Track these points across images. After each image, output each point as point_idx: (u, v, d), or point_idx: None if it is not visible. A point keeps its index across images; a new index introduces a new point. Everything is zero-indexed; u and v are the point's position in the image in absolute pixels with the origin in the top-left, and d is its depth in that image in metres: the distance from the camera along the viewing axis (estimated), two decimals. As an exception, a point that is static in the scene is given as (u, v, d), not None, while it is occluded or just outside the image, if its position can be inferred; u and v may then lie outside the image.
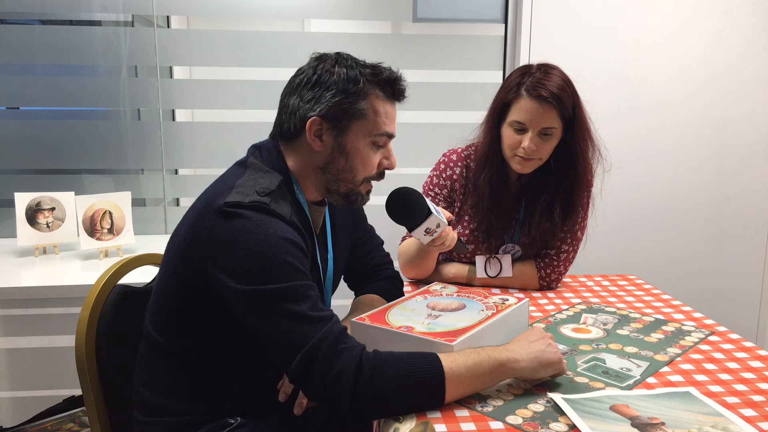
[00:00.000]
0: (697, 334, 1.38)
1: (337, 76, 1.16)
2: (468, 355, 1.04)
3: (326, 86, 1.16)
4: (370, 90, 1.17)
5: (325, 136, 1.18)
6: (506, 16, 2.52)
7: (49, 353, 2.37)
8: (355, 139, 1.19)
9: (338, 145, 1.19)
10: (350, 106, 1.16)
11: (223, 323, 1.12)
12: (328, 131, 1.18)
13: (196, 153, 2.49)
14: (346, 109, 1.16)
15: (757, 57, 2.59)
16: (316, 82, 1.17)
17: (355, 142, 1.19)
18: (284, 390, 1.21)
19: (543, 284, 1.69)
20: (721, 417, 1.00)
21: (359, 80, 1.16)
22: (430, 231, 1.39)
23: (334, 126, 1.18)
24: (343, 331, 1.04)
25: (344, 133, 1.18)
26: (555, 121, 1.52)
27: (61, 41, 2.35)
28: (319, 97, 1.16)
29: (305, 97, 1.17)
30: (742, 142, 2.65)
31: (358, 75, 1.17)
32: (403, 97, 1.23)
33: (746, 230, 2.72)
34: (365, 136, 1.20)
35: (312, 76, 1.18)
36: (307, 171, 1.23)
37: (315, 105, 1.16)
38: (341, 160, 1.20)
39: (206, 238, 1.07)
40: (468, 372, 1.02)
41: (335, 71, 1.17)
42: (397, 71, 1.22)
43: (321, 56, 1.22)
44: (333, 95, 1.16)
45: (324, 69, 1.18)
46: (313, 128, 1.17)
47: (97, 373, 1.27)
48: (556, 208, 1.63)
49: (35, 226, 2.09)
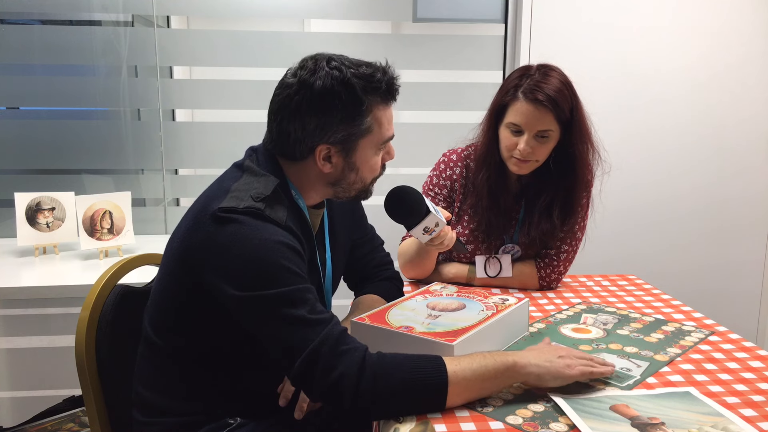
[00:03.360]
0: (697, 334, 1.38)
1: (339, 99, 1.11)
2: (473, 359, 1.03)
3: (329, 112, 1.12)
4: (371, 103, 1.15)
5: (335, 159, 1.18)
6: (506, 16, 2.52)
7: (49, 353, 2.37)
8: (363, 154, 1.19)
9: (348, 164, 1.19)
10: (357, 129, 1.15)
11: (221, 325, 1.12)
12: (337, 153, 1.17)
13: (196, 153, 2.49)
14: (354, 132, 1.15)
15: (757, 57, 2.59)
16: (317, 108, 1.12)
17: (363, 156, 1.19)
18: (284, 394, 1.21)
19: (543, 284, 1.69)
20: (721, 417, 1.00)
21: (363, 101, 1.13)
22: (428, 230, 1.39)
23: (343, 148, 1.17)
24: (343, 332, 1.04)
25: (353, 152, 1.18)
26: (551, 124, 1.52)
27: (61, 41, 2.35)
28: (323, 125, 1.13)
29: (308, 126, 1.13)
30: (742, 141, 2.65)
31: (359, 93, 1.12)
32: (397, 94, 1.21)
33: (746, 230, 2.72)
34: (372, 148, 1.20)
35: (310, 99, 1.11)
36: (311, 185, 1.22)
37: (321, 133, 1.14)
38: (352, 175, 1.21)
39: (202, 243, 1.07)
40: (473, 375, 1.01)
41: (335, 91, 1.11)
42: (390, 69, 1.18)
43: (307, 66, 1.14)
44: (339, 122, 1.13)
45: (322, 89, 1.11)
46: (321, 154, 1.16)
47: (97, 373, 1.27)
48: (555, 209, 1.63)
49: (35, 226, 2.09)
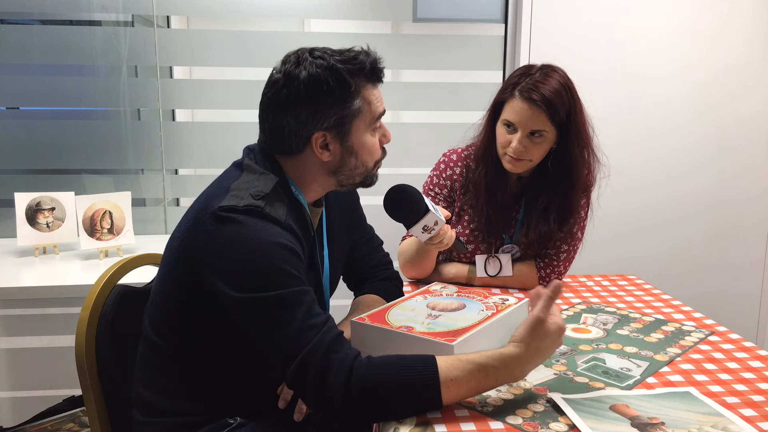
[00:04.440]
0: (697, 334, 1.38)
1: (327, 85, 1.12)
2: (467, 356, 1.03)
3: (319, 99, 1.13)
4: (359, 85, 1.16)
5: (332, 145, 1.18)
6: (506, 16, 2.52)
7: (49, 353, 2.37)
8: (358, 135, 1.19)
9: (345, 148, 1.19)
10: (348, 110, 1.16)
11: (220, 325, 1.12)
12: (334, 139, 1.18)
13: (196, 153, 2.49)
14: (346, 114, 1.16)
15: (757, 57, 2.59)
16: (307, 96, 1.13)
17: (359, 138, 1.20)
18: (284, 397, 1.21)
19: (543, 284, 1.69)
20: (721, 417, 1.00)
21: (350, 83, 1.14)
22: (428, 228, 1.39)
23: (338, 133, 1.17)
24: (336, 337, 1.03)
25: (348, 135, 1.18)
26: (545, 125, 1.52)
27: (61, 41, 2.35)
28: (315, 112, 1.14)
29: (301, 116, 1.14)
30: (743, 142, 2.65)
31: (346, 76, 1.13)
32: (383, 75, 1.21)
33: (746, 232, 2.72)
34: (366, 128, 1.20)
35: (298, 89, 1.12)
36: (313, 177, 1.22)
37: (315, 121, 1.14)
38: (351, 160, 1.21)
39: (201, 243, 1.07)
40: (464, 375, 1.00)
41: (322, 78, 1.12)
42: (373, 51, 1.19)
43: (290, 60, 1.15)
44: (330, 106, 1.14)
45: (308, 77, 1.12)
46: (318, 142, 1.17)
47: (97, 373, 1.27)
48: (552, 212, 1.63)
49: (35, 226, 2.09)
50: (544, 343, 1.05)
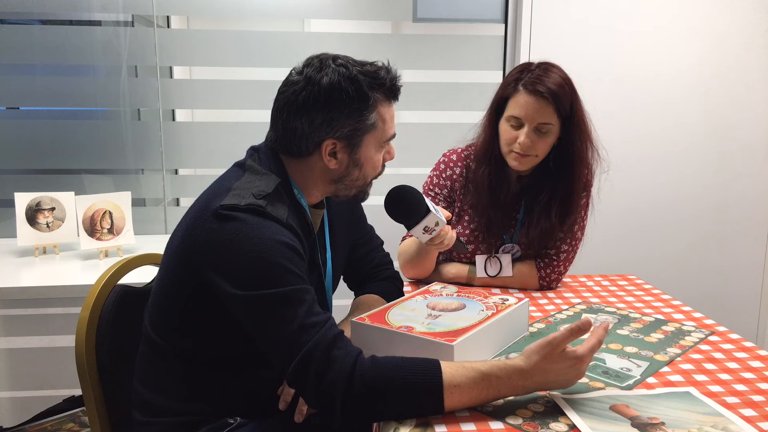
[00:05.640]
0: (697, 334, 1.38)
1: (346, 94, 1.13)
2: (472, 364, 1.01)
3: (337, 107, 1.14)
4: (376, 100, 1.17)
5: (340, 154, 1.19)
6: (506, 16, 2.52)
7: (49, 353, 2.37)
8: (367, 150, 1.21)
9: (353, 160, 1.20)
10: (363, 124, 1.17)
11: (221, 324, 1.12)
12: (343, 149, 1.18)
13: (196, 153, 2.49)
14: (360, 126, 1.17)
15: (757, 57, 2.59)
16: (325, 102, 1.13)
17: (367, 152, 1.21)
18: (284, 398, 1.20)
19: (543, 284, 1.69)
20: (721, 417, 1.00)
21: (369, 97, 1.15)
22: (428, 229, 1.39)
23: (349, 143, 1.18)
24: (337, 336, 1.03)
25: (358, 147, 1.19)
26: (551, 117, 1.52)
27: (61, 41, 2.35)
28: (330, 119, 1.14)
29: (315, 120, 1.14)
30: (743, 143, 2.65)
31: (366, 89, 1.14)
32: (399, 95, 1.23)
33: (746, 232, 2.72)
34: (376, 145, 1.21)
35: (318, 94, 1.13)
36: (315, 182, 1.23)
37: (328, 128, 1.15)
38: (355, 171, 1.22)
39: (203, 241, 1.07)
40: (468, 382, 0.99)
41: (343, 87, 1.13)
42: (393, 69, 1.20)
43: (313, 64, 1.16)
44: (346, 116, 1.15)
45: (329, 84, 1.12)
46: (327, 149, 1.18)
47: (97, 373, 1.27)
48: (554, 208, 1.63)
49: (35, 226, 2.09)
50: (553, 367, 1.00)
